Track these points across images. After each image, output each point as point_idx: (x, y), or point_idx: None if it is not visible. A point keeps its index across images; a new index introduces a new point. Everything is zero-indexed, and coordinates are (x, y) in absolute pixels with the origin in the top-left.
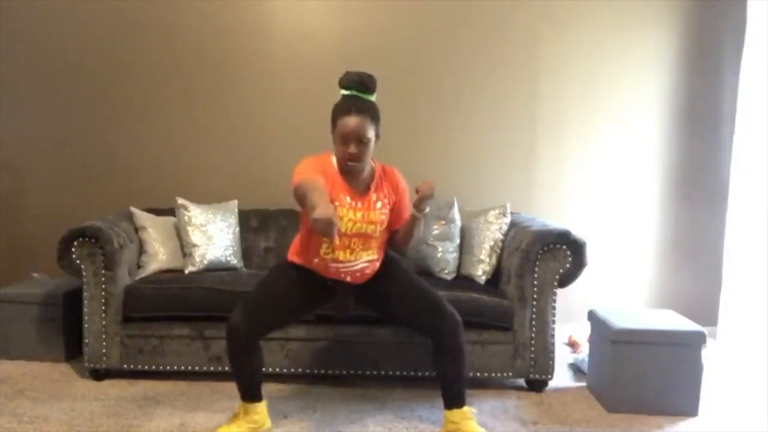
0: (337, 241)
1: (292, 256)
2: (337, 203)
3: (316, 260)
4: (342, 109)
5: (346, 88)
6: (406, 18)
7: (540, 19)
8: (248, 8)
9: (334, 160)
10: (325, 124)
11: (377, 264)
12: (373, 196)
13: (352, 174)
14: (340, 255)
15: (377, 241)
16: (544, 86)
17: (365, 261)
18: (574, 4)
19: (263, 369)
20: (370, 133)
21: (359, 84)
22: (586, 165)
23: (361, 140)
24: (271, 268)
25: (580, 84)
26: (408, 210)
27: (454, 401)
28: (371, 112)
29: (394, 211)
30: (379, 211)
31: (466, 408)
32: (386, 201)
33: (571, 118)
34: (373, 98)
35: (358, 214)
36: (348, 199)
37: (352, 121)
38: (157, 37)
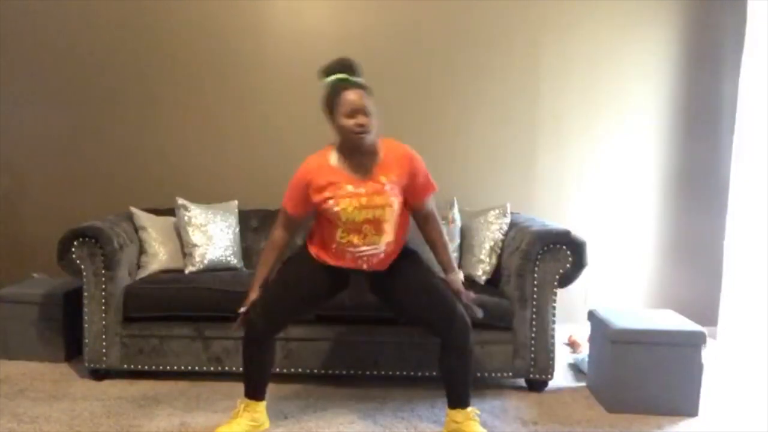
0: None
1: (311, 246)
2: (331, 201)
3: (333, 246)
4: (337, 88)
5: (332, 74)
6: (407, 18)
7: (540, 20)
8: (248, 8)
9: (331, 154)
10: (325, 124)
11: (395, 246)
12: (382, 178)
13: (361, 152)
14: (355, 239)
15: (391, 224)
16: (544, 86)
17: (382, 245)
18: (575, 5)
19: None
20: (371, 106)
21: (344, 67)
22: (586, 165)
23: (366, 111)
24: (288, 258)
25: (580, 84)
26: (426, 182)
27: (458, 401)
28: (365, 88)
29: (411, 184)
30: (388, 193)
31: (469, 408)
32: (395, 180)
33: (571, 117)
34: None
35: (363, 200)
36: (350, 188)
37: (353, 93)
38: (157, 37)
